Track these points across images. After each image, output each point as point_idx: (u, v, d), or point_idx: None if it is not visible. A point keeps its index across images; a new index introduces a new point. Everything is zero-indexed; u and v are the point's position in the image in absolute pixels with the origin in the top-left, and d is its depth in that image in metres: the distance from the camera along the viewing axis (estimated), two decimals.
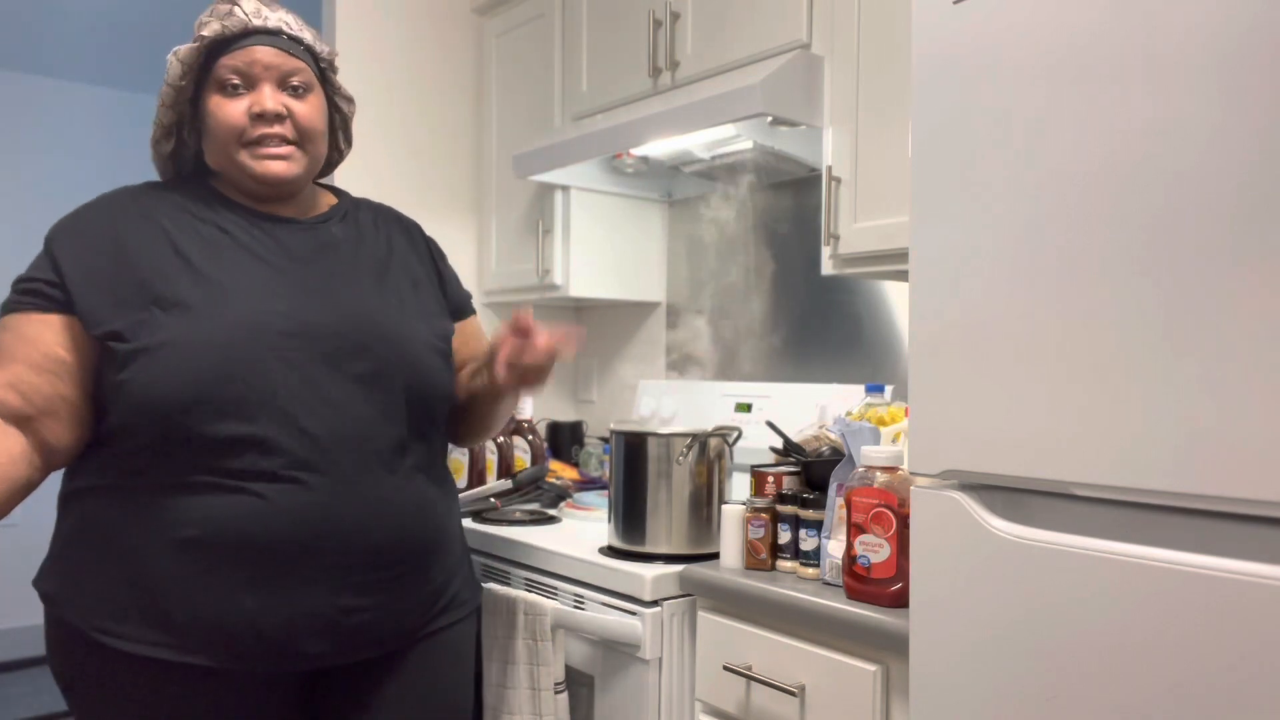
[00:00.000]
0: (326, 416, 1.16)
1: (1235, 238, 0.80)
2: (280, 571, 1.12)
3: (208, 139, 1.24)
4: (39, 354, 1.12)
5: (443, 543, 1.30)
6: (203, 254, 1.18)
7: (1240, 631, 0.79)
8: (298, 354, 1.16)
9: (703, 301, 2.41)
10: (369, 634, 1.19)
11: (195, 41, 1.20)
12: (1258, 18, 0.79)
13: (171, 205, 1.22)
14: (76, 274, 1.14)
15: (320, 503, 1.14)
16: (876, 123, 1.60)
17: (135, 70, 4.00)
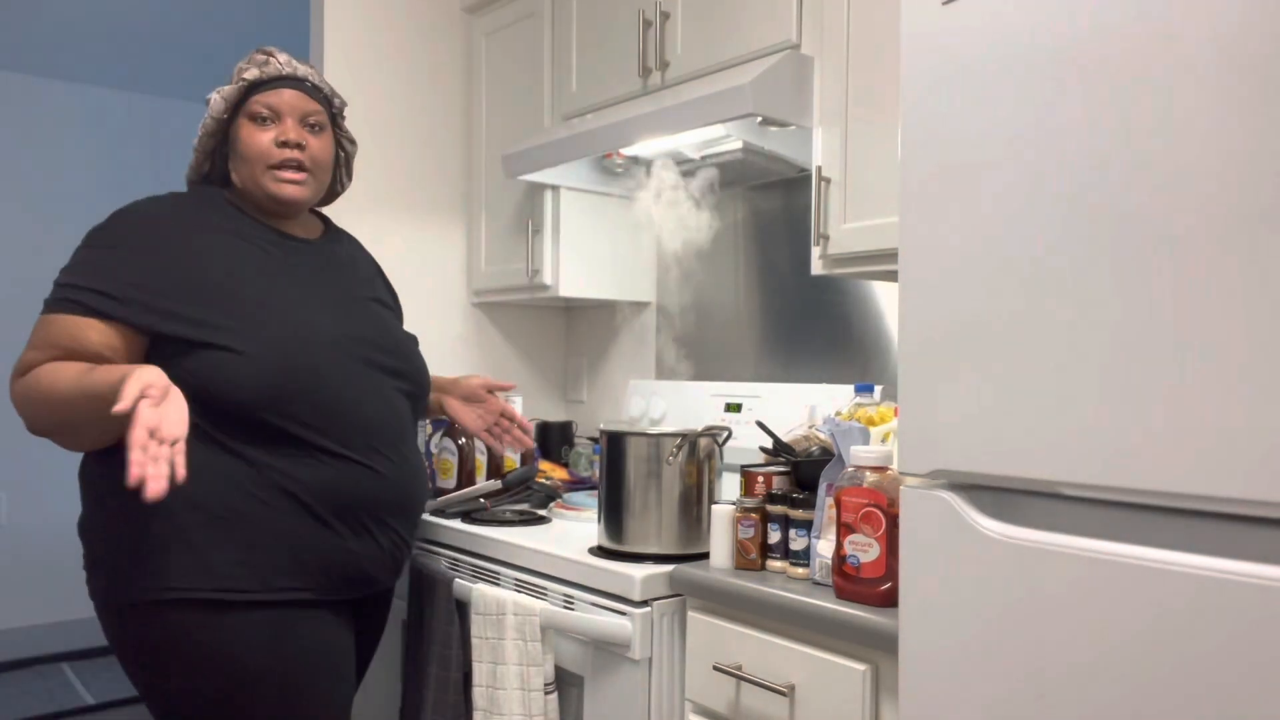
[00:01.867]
0: (378, 407, 1.47)
1: (1228, 239, 0.81)
2: (368, 523, 1.44)
3: (237, 160, 1.49)
4: (78, 346, 1.32)
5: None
6: (251, 267, 1.42)
7: (1229, 630, 0.80)
8: (344, 358, 1.44)
9: (692, 302, 2.41)
10: (399, 568, 1.55)
11: (238, 83, 1.47)
12: (1252, 15, 0.79)
13: (211, 219, 1.45)
14: (126, 285, 1.34)
15: (385, 472, 1.46)
16: (866, 123, 1.61)
17: (135, 70, 3.98)
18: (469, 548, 1.77)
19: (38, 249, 3.99)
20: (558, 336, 2.80)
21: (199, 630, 1.32)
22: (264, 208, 1.50)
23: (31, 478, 3.97)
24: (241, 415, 1.35)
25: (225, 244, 1.42)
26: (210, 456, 1.34)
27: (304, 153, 1.48)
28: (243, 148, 1.47)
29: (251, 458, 1.35)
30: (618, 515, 1.56)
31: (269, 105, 1.47)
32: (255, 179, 1.47)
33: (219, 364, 1.33)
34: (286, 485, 1.37)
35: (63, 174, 4.06)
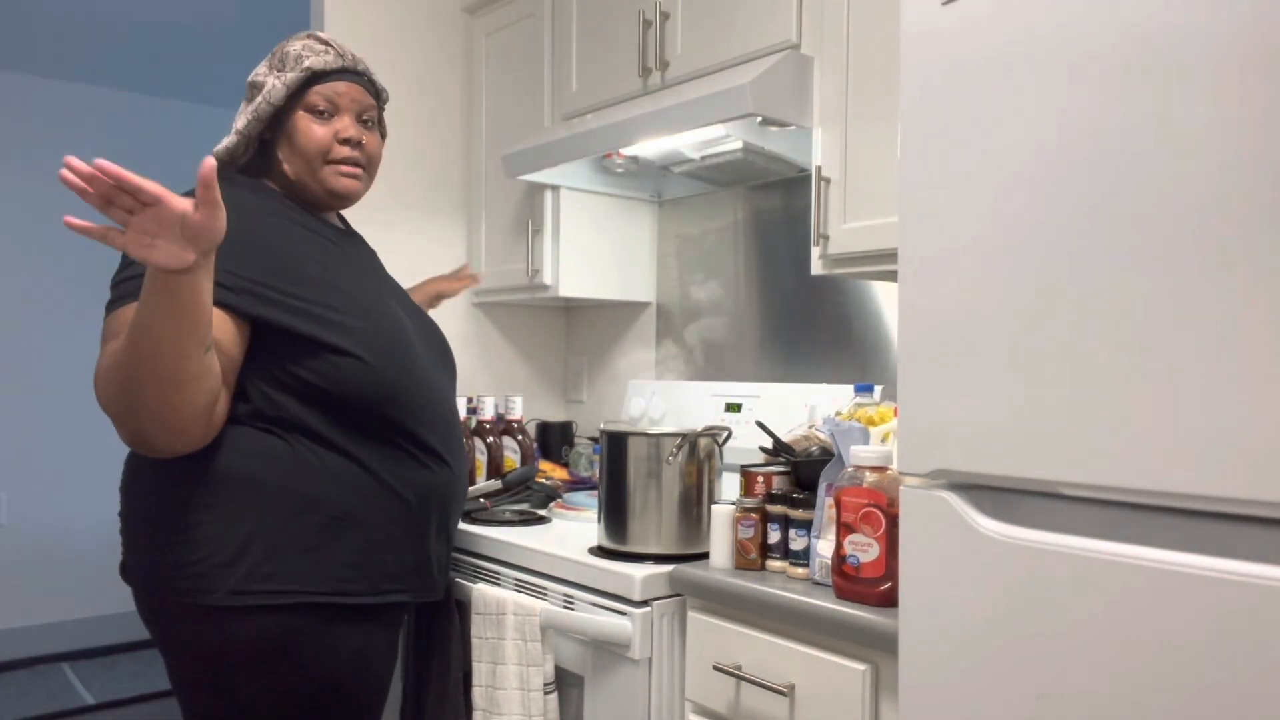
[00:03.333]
0: (450, 405, 1.48)
1: (1227, 239, 0.81)
2: (444, 525, 1.46)
3: (291, 151, 1.42)
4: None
5: None
6: (332, 260, 1.38)
7: (1228, 631, 0.80)
8: (423, 356, 1.44)
9: (692, 302, 2.41)
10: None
11: (301, 72, 1.40)
12: (1249, 16, 0.79)
13: (279, 208, 1.39)
14: (245, 274, 1.25)
15: (457, 475, 1.47)
16: (866, 123, 1.61)
17: (135, 70, 3.98)
18: (469, 547, 1.77)
19: (37, 249, 3.99)
20: (558, 336, 2.80)
21: (309, 633, 1.28)
22: (316, 200, 1.46)
23: (31, 478, 3.98)
24: (358, 417, 1.33)
25: (302, 235, 1.37)
26: (328, 458, 1.31)
27: (361, 150, 1.45)
28: (301, 140, 1.41)
29: (364, 460, 1.33)
30: (618, 515, 1.56)
31: (329, 99, 1.42)
32: (313, 172, 1.42)
33: (343, 367, 1.30)
34: (396, 487, 1.36)
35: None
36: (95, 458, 4.10)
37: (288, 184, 1.44)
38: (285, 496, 1.28)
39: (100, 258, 4.12)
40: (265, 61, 1.44)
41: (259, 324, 1.27)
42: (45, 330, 3.99)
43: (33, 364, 3.97)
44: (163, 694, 3.45)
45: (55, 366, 4.02)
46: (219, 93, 4.27)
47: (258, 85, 1.42)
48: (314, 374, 1.29)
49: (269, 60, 1.44)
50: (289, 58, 1.41)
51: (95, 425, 4.11)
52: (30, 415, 3.97)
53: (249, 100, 1.42)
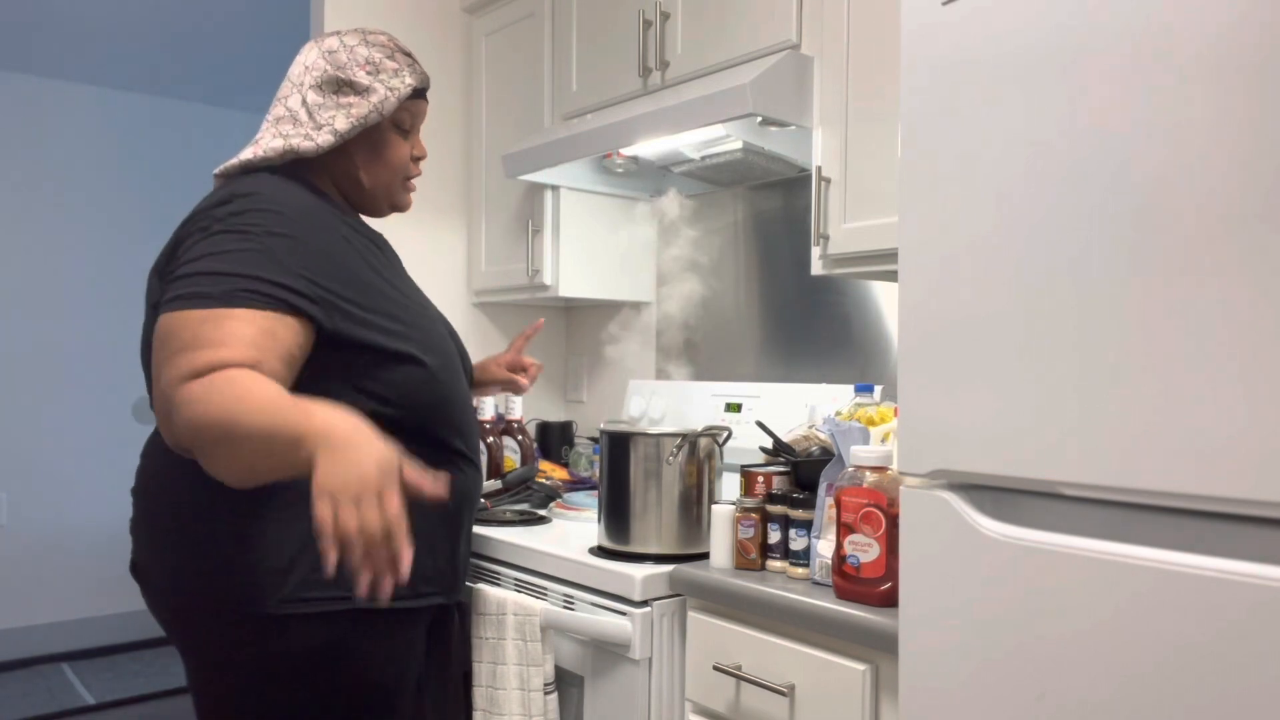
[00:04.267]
0: (473, 410, 1.47)
1: (1227, 238, 0.81)
2: (470, 526, 1.46)
3: (375, 163, 1.41)
4: (279, 347, 1.15)
5: None
6: (383, 267, 1.34)
7: (1229, 631, 0.80)
8: (457, 361, 1.44)
9: (692, 302, 2.40)
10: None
11: (407, 87, 1.38)
12: (1247, 16, 0.79)
13: (334, 212, 1.32)
14: (320, 282, 1.20)
15: (480, 474, 1.48)
16: (866, 123, 1.61)
17: (135, 70, 3.98)
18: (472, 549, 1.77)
19: (39, 249, 3.99)
20: (558, 336, 2.80)
21: (352, 640, 1.25)
22: (373, 210, 1.46)
23: (31, 478, 3.98)
24: (411, 421, 1.29)
25: (355, 239, 1.31)
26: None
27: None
28: (392, 156, 1.42)
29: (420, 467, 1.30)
30: (618, 515, 1.56)
31: (414, 115, 1.43)
32: (389, 187, 1.44)
33: (409, 375, 1.28)
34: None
35: (63, 174, 4.06)
36: (95, 458, 4.10)
37: (351, 190, 1.42)
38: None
39: (100, 258, 4.12)
40: (345, 54, 1.36)
41: (331, 336, 1.22)
42: (45, 330, 3.99)
43: (33, 364, 3.97)
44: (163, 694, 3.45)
45: (55, 366, 4.02)
46: (219, 93, 4.27)
47: (358, 87, 1.35)
48: (380, 383, 1.26)
49: (349, 54, 1.36)
50: (385, 67, 1.37)
51: (95, 425, 4.11)
52: (30, 415, 3.97)
53: (338, 95, 1.35)
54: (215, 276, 1.14)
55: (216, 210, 1.21)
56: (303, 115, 1.34)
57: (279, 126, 1.34)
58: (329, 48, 1.37)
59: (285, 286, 1.16)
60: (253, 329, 1.12)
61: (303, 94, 1.35)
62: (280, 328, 1.15)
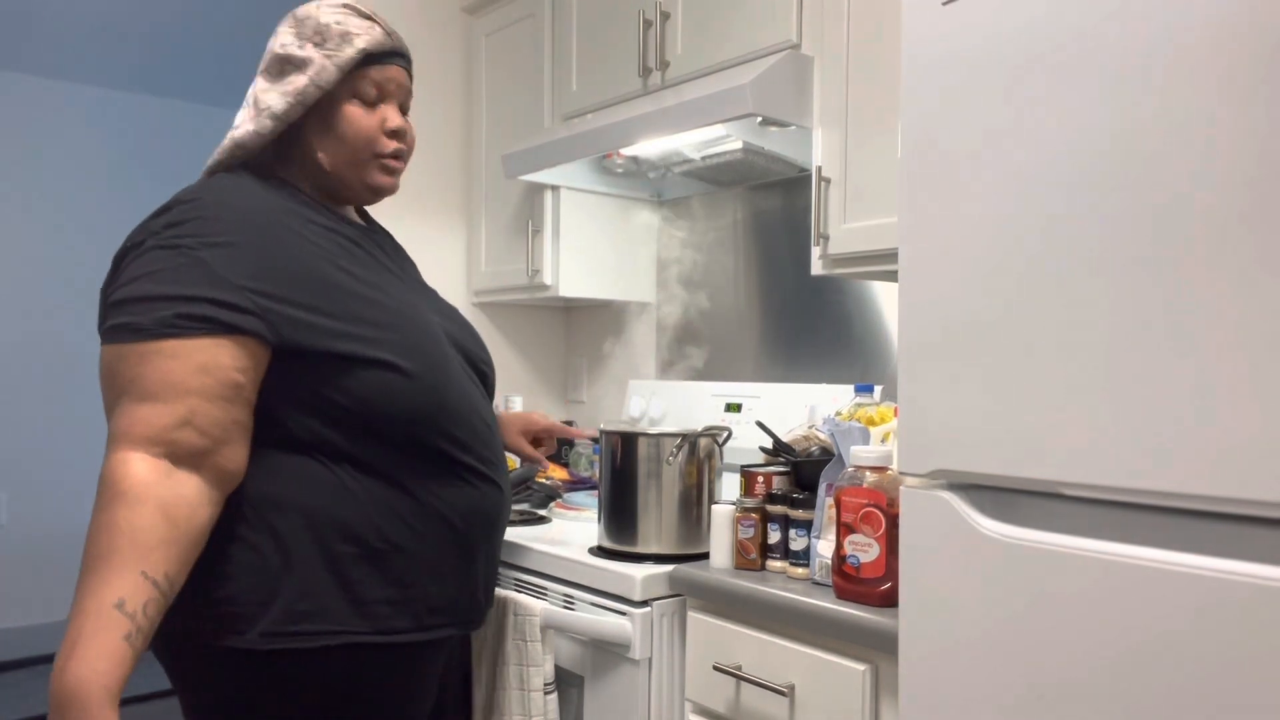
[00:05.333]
0: (488, 415, 1.31)
1: (1227, 237, 0.81)
2: (491, 550, 1.31)
3: (332, 141, 1.25)
4: (215, 383, 1.07)
5: None
6: (356, 264, 1.21)
7: (1228, 631, 0.80)
8: (460, 363, 1.29)
9: (692, 302, 2.40)
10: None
11: (356, 52, 1.22)
12: (1251, 16, 0.79)
13: (294, 207, 1.20)
14: (248, 290, 1.09)
15: (504, 493, 1.32)
16: (866, 123, 1.61)
17: (135, 70, 3.98)
18: None
19: (38, 249, 3.99)
20: (558, 336, 2.80)
21: (348, 679, 1.15)
22: (349, 196, 1.30)
23: (31, 478, 3.97)
24: (397, 435, 1.18)
25: (322, 237, 1.20)
26: (366, 483, 1.16)
27: (404, 141, 1.30)
28: (349, 131, 1.24)
29: (408, 484, 1.19)
30: (618, 515, 1.56)
31: (379, 84, 1.26)
32: (355, 166, 1.26)
33: (381, 383, 1.15)
34: (444, 511, 1.21)
35: (63, 174, 4.06)
36: (95, 458, 4.09)
37: (317, 176, 1.27)
38: (321, 527, 1.14)
39: (100, 259, 4.12)
40: (291, 30, 1.25)
41: (284, 348, 1.12)
42: (45, 330, 3.99)
43: (33, 364, 3.97)
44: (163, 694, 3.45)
45: (56, 366, 4.02)
46: (219, 93, 4.27)
47: (296, 61, 1.22)
48: (346, 394, 1.14)
49: (297, 29, 1.24)
50: (331, 32, 1.23)
51: (95, 425, 4.10)
52: (30, 415, 3.97)
53: (279, 76, 1.23)
54: (148, 302, 1.07)
55: (153, 223, 1.14)
56: (249, 102, 1.24)
57: (243, 117, 1.24)
58: (288, 23, 1.27)
59: (222, 304, 1.07)
60: (187, 368, 1.05)
61: (257, 85, 1.25)
62: (219, 356, 1.07)
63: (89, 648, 0.94)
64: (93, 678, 0.94)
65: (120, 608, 0.96)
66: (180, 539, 1.02)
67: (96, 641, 0.95)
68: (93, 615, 0.96)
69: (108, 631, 0.95)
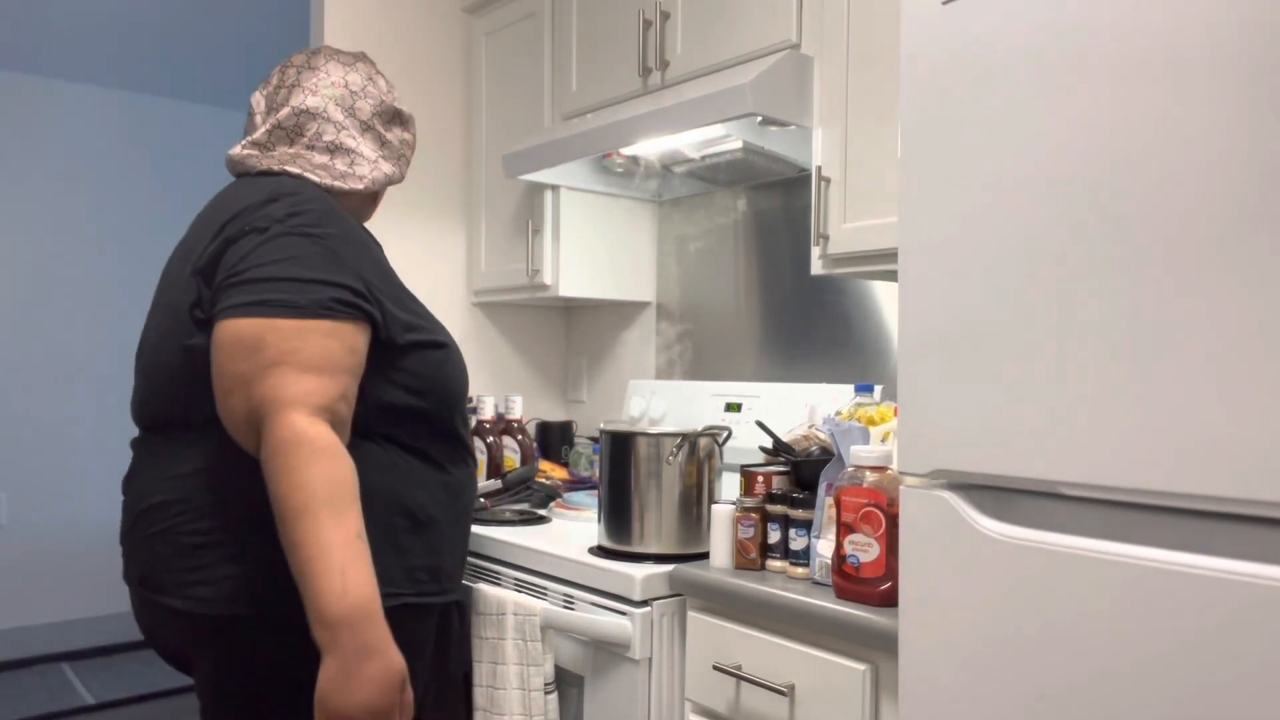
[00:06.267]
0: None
1: (1227, 238, 0.81)
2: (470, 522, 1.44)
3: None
4: (357, 363, 1.20)
5: None
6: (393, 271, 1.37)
7: (1228, 630, 0.80)
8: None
9: (692, 301, 2.41)
10: None
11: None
12: (1247, 16, 0.79)
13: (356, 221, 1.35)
14: (372, 282, 1.24)
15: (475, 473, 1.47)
16: (866, 123, 1.61)
17: (136, 70, 3.98)
18: (469, 547, 1.77)
19: (38, 249, 3.99)
20: (558, 336, 2.80)
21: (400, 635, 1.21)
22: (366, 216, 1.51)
23: (31, 478, 3.98)
24: (434, 416, 1.32)
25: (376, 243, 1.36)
26: (412, 464, 1.30)
27: None
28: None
29: (438, 461, 1.33)
30: (618, 515, 1.56)
31: None
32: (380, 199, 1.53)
33: (435, 359, 1.31)
34: (458, 488, 1.36)
35: (64, 174, 4.06)
36: (95, 458, 4.10)
37: (367, 207, 1.49)
38: (383, 503, 1.24)
39: (101, 259, 4.12)
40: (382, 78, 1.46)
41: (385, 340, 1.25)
42: (45, 330, 3.99)
43: (33, 364, 3.97)
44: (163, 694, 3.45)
45: (55, 366, 4.02)
46: (219, 93, 4.27)
47: (406, 119, 1.47)
48: (409, 372, 1.27)
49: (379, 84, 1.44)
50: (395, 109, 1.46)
51: (95, 425, 4.11)
52: (30, 415, 3.97)
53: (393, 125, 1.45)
54: (299, 283, 1.16)
55: (269, 209, 1.22)
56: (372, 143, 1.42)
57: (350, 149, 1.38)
58: (368, 74, 1.43)
59: (358, 292, 1.20)
60: (341, 347, 1.17)
61: (364, 120, 1.40)
62: (359, 340, 1.20)
63: (357, 571, 1.07)
64: (371, 593, 1.08)
65: (360, 538, 1.09)
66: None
67: (358, 567, 1.07)
68: (343, 546, 1.07)
69: (363, 558, 1.09)
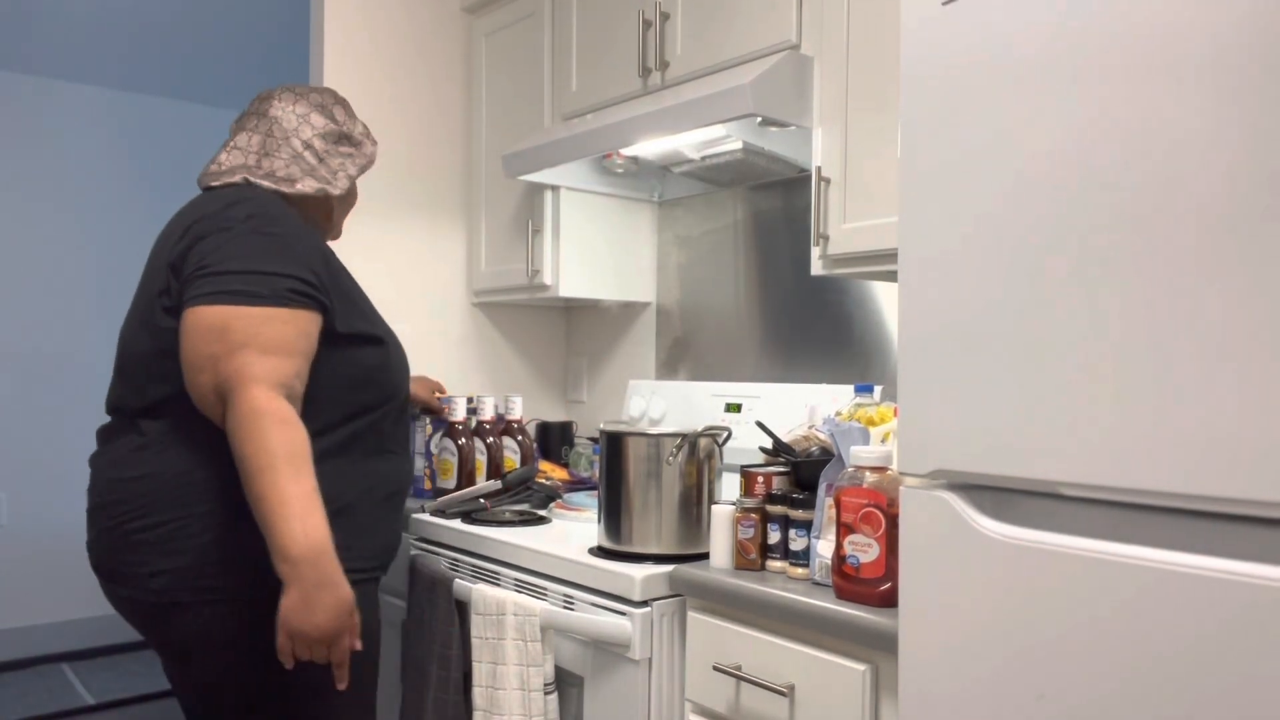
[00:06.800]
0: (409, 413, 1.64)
1: (1226, 238, 0.81)
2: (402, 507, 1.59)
3: (344, 204, 1.68)
4: (309, 347, 1.36)
5: None
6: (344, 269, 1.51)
7: (1228, 631, 0.80)
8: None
9: (692, 301, 2.41)
10: None
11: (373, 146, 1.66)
12: (1248, 16, 0.79)
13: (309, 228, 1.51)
14: (324, 278, 1.40)
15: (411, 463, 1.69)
16: (866, 123, 1.61)
17: (135, 70, 3.98)
18: (469, 548, 1.77)
19: (38, 249, 3.99)
20: (558, 336, 2.80)
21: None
22: (325, 235, 1.66)
23: (31, 478, 3.97)
24: (364, 409, 1.46)
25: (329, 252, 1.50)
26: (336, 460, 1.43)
27: None
28: (352, 198, 1.70)
29: (360, 453, 1.47)
30: (618, 515, 1.56)
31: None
32: (341, 222, 1.70)
33: (371, 356, 1.46)
34: (379, 478, 1.50)
35: (64, 174, 4.06)
36: None
37: (320, 216, 1.62)
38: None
39: (100, 259, 4.12)
40: (343, 111, 1.61)
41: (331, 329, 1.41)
42: (45, 330, 3.99)
43: (33, 364, 3.97)
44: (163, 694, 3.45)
45: (55, 366, 4.02)
46: (219, 93, 4.27)
47: (358, 141, 1.61)
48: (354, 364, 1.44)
49: (346, 112, 1.62)
50: (359, 125, 1.64)
51: (95, 425, 4.11)
52: (30, 415, 3.97)
53: (338, 145, 1.58)
54: (261, 275, 1.32)
55: (232, 211, 1.39)
56: (311, 160, 1.54)
57: (298, 164, 1.53)
58: (317, 102, 1.59)
59: (310, 283, 1.36)
60: (296, 332, 1.33)
61: (305, 140, 1.55)
62: (312, 326, 1.36)
63: (315, 518, 1.22)
64: (325, 536, 1.23)
65: (315, 494, 1.24)
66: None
67: (315, 515, 1.23)
68: (302, 497, 1.22)
69: (318, 508, 1.24)
